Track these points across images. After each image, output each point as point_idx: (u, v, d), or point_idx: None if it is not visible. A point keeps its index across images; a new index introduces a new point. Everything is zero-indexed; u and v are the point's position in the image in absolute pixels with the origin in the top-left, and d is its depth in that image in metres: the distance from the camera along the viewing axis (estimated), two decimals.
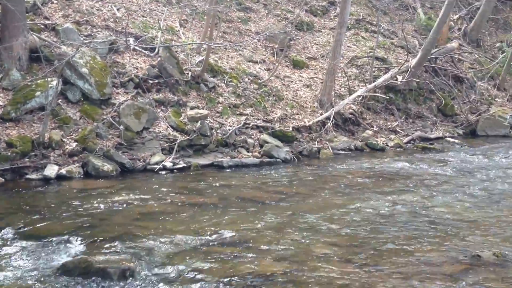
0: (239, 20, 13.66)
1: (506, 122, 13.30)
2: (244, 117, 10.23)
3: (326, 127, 10.97)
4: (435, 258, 4.95)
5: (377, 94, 12.46)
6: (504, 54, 16.24)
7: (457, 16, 17.85)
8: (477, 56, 16.62)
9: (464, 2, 19.21)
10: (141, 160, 8.29)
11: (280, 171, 8.71)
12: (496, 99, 15.12)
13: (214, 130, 9.41)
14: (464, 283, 4.41)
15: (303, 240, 5.34)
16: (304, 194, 7.22)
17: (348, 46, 14.46)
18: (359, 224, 5.93)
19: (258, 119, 10.44)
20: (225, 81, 10.82)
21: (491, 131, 13.04)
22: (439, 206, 6.77)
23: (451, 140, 12.21)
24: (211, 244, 5.14)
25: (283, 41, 12.99)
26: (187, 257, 4.76)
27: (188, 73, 10.21)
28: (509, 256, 4.96)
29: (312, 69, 13.33)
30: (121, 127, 8.47)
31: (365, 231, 5.70)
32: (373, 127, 12.05)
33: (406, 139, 11.82)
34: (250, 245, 5.15)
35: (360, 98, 12.33)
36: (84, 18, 10.24)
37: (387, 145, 11.32)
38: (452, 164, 9.48)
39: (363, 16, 15.83)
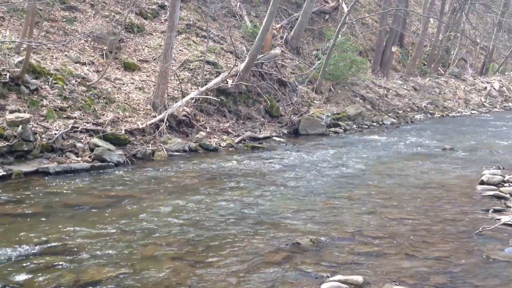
0: (64, 19, 12.95)
1: (323, 122, 14.70)
2: (72, 121, 9.75)
3: (160, 129, 10.97)
4: (260, 248, 5.32)
5: (209, 97, 12.84)
6: (320, 61, 17.91)
7: (279, 25, 19.23)
8: (297, 62, 18.09)
9: (284, 13, 20.78)
10: None
11: (112, 175, 8.49)
12: (314, 101, 16.63)
13: (38, 134, 8.80)
14: (285, 269, 4.83)
15: (134, 243, 5.33)
16: (137, 197, 7.16)
17: (180, 50, 14.63)
18: (192, 222, 6.09)
19: (88, 123, 10.03)
20: (50, 83, 10.18)
21: (311, 130, 14.31)
22: (266, 200, 7.25)
23: (277, 139, 13.11)
24: (33, 255, 4.85)
25: (112, 42, 12.66)
26: (6, 271, 4.43)
27: (6, 74, 9.38)
28: (323, 241, 5.57)
29: (144, 72, 13.21)
30: None
31: (198, 229, 5.88)
32: (206, 128, 12.39)
33: (237, 139, 12.37)
34: (77, 252, 4.99)
35: (193, 100, 12.60)
36: None
37: (220, 146, 11.73)
38: (278, 161, 10.19)
39: (193, 21, 16.16)
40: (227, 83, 13.65)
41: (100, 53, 12.63)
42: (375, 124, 17.06)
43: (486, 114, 21.83)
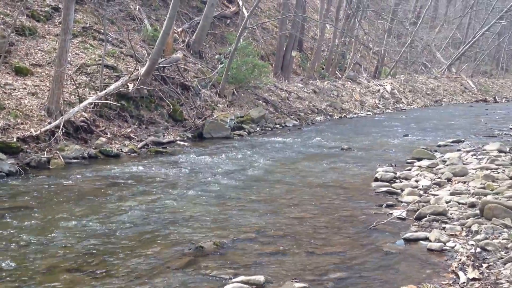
0: None
1: (227, 125, 14.82)
2: None
3: (56, 136, 10.46)
4: (164, 255, 5.25)
5: (109, 102, 12.44)
6: (222, 65, 18.04)
7: (181, 29, 19.10)
8: (200, 66, 18.06)
9: (186, 17, 20.67)
10: None
11: (3, 186, 7.94)
12: (218, 104, 16.71)
13: None
14: (188, 273, 4.80)
15: (28, 256, 5.03)
16: (30, 208, 6.76)
17: (76, 54, 14.02)
18: (90, 231, 5.86)
19: None
20: None
21: (215, 133, 14.34)
22: (170, 204, 7.16)
23: (182, 143, 13.00)
24: None
25: (1, 46, 11.83)
26: None
27: None
28: (226, 244, 5.61)
29: (37, 77, 12.50)
30: None
31: (96, 238, 5.67)
32: (107, 134, 11.99)
33: (140, 144, 12.08)
34: None
35: (92, 105, 12.14)
36: None
37: (122, 151, 11.40)
38: (182, 165, 10.11)
39: (90, 24, 15.55)
40: (127, 88, 13.31)
41: None
42: (278, 126, 17.46)
43: (380, 115, 23.20)
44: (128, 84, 13.35)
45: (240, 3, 22.31)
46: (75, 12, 13.23)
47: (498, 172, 8.80)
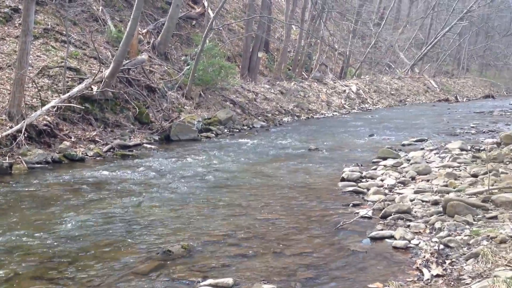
0: None
1: (195, 127, 14.73)
2: None
3: (17, 140, 10.20)
4: (131, 259, 5.18)
5: (73, 105, 12.21)
6: (189, 66, 17.93)
7: (146, 30, 18.88)
8: (166, 68, 17.90)
9: (150, 17, 20.47)
10: None
11: None
12: (185, 106, 16.60)
13: None
14: (156, 278, 4.75)
15: None
16: None
17: (37, 56, 13.69)
18: (55, 237, 5.74)
19: None
20: None
21: (183, 136, 14.24)
22: (136, 209, 7.08)
23: (148, 146, 12.85)
24: None
25: None
26: None
27: None
28: (195, 247, 5.57)
29: None
30: None
31: (61, 244, 5.55)
32: (71, 137, 11.75)
33: (105, 148, 11.90)
34: None
35: (55, 109, 11.88)
36: None
37: (87, 155, 11.21)
38: (149, 168, 9.99)
39: (51, 26, 15.21)
40: (91, 90, 13.08)
41: None
42: (245, 127, 17.46)
43: (346, 115, 23.48)
44: (92, 86, 13.13)
45: (206, 4, 22.23)
46: (36, 13, 12.93)
47: (460, 170, 9.03)
